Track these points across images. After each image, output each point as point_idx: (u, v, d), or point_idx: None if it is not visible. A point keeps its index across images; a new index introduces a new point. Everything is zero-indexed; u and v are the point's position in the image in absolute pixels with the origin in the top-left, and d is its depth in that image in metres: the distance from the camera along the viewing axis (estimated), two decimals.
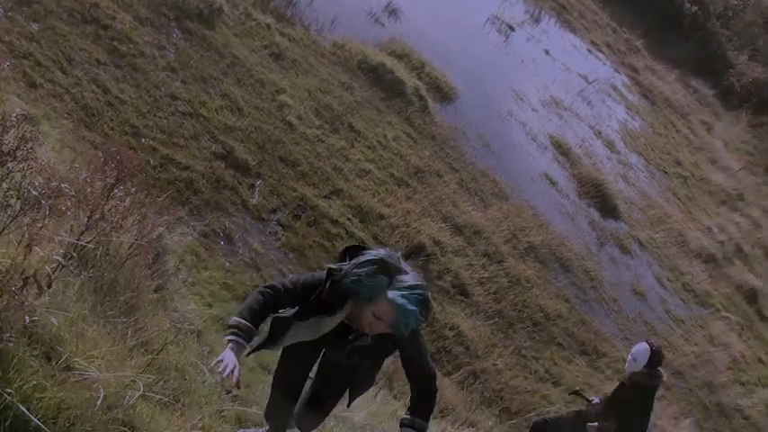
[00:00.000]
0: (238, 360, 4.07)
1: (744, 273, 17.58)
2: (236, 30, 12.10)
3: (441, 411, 9.06)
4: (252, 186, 10.07)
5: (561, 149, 16.89)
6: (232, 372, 3.96)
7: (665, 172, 19.71)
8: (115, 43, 10.10)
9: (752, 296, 17.02)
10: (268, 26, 12.78)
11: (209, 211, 9.33)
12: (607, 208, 16.15)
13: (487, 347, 10.82)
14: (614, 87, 22.12)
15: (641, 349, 7.62)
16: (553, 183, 15.67)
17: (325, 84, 12.74)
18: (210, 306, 7.95)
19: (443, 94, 15.31)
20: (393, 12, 16.50)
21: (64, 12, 9.86)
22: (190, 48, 11.05)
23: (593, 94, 20.42)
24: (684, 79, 26.19)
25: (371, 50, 14.41)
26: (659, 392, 8.19)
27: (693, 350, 14.21)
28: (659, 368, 7.68)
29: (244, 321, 4.26)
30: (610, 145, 18.89)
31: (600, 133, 19.01)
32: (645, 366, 7.59)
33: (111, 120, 9.11)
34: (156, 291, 5.81)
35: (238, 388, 4.09)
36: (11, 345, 3.20)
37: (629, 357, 7.71)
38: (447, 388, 9.48)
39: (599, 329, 12.91)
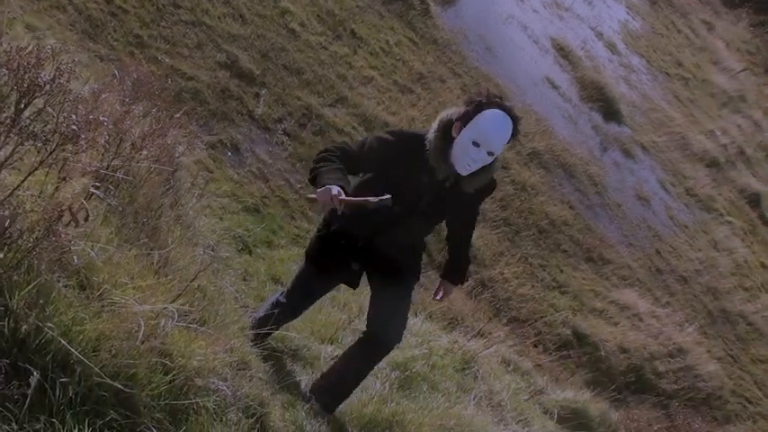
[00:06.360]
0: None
1: (747, 176, 17.56)
2: None
3: (449, 322, 9.12)
4: (257, 96, 9.94)
5: (563, 52, 16.68)
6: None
7: (667, 74, 19.52)
8: None
9: (755, 200, 17.02)
10: None
11: (216, 121, 9.23)
12: (610, 112, 16.01)
13: (494, 256, 10.84)
14: None
15: None
16: (555, 87, 15.51)
17: None
18: (221, 219, 7.92)
19: None
20: None
21: None
22: None
23: None
24: None
25: None
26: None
27: (698, 256, 14.27)
28: None
29: None
30: (611, 47, 18.66)
31: (601, 35, 18.75)
32: None
33: (115, 30, 8.93)
34: (171, 207, 5.75)
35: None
36: (48, 278, 3.15)
37: None
38: (456, 298, 9.52)
39: (604, 236, 12.94)
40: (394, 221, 4.73)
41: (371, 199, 4.32)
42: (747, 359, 13.34)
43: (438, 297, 5.40)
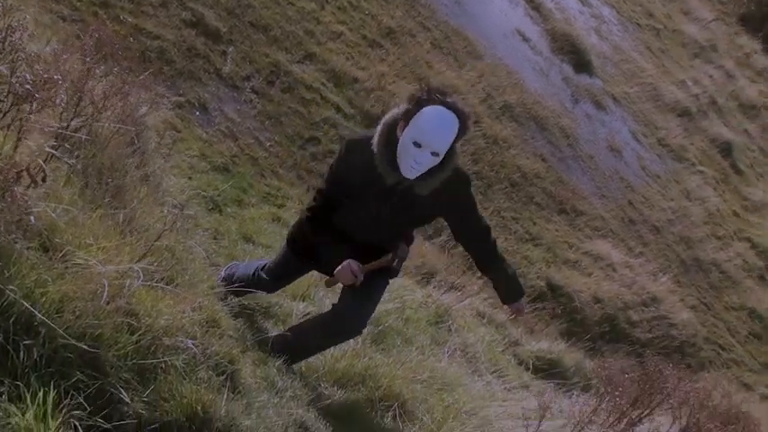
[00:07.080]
0: None
1: (718, 126, 17.62)
2: None
3: (423, 276, 9.13)
4: (224, 54, 9.83)
5: (533, 4, 16.55)
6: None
7: (638, 24, 19.47)
8: None
9: (726, 149, 17.10)
10: None
11: (183, 81, 9.12)
12: (581, 63, 15.96)
13: None
14: None
15: None
16: (526, 39, 15.42)
17: None
18: (190, 178, 7.86)
19: None
20: None
21: None
22: None
23: None
24: None
25: None
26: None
27: (670, 205, 14.37)
28: None
29: None
30: None
31: None
32: None
33: None
34: (137, 167, 5.70)
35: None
36: (6, 240, 3.11)
37: None
38: (429, 252, 9.53)
39: (576, 188, 12.97)
40: (364, 229, 4.67)
41: (385, 259, 4.68)
42: (720, 307, 13.49)
43: (518, 315, 5.20)
